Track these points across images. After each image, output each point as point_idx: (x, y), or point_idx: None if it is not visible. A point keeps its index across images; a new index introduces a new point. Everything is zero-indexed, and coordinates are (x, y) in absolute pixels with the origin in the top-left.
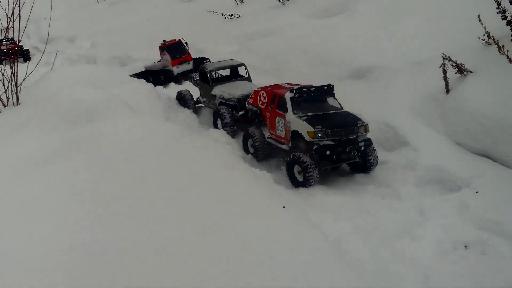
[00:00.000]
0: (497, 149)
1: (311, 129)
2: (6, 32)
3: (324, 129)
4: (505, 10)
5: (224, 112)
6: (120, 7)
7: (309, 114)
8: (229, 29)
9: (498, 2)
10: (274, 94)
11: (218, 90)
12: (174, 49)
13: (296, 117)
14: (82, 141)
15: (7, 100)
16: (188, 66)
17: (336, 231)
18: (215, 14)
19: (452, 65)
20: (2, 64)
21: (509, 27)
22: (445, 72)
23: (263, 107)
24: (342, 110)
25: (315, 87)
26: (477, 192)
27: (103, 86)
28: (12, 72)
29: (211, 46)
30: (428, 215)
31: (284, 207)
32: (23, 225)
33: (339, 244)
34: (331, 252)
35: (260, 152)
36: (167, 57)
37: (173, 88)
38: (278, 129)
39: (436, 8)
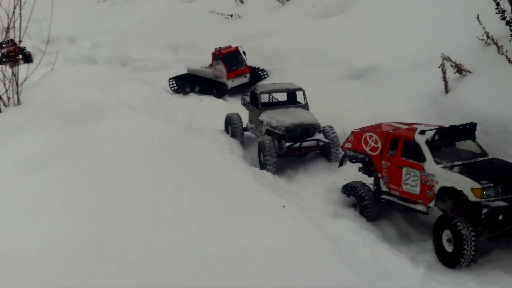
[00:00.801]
0: (496, 149)
1: (477, 185)
2: (7, 32)
3: (492, 184)
4: (504, 10)
5: (267, 143)
6: (121, 8)
7: (458, 163)
8: (229, 29)
9: (497, 2)
10: (395, 137)
11: (266, 116)
12: (231, 59)
13: (443, 167)
14: (83, 141)
15: (8, 100)
16: (244, 79)
17: (336, 231)
18: (215, 14)
19: (451, 65)
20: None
21: (508, 27)
22: (444, 72)
23: (375, 153)
24: (490, 157)
25: (456, 126)
26: None
27: (104, 86)
28: (13, 72)
29: (211, 46)
30: (429, 217)
31: (284, 206)
32: (23, 225)
33: (339, 243)
34: (331, 251)
35: (371, 211)
36: (222, 67)
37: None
38: (408, 184)
39: (436, 8)
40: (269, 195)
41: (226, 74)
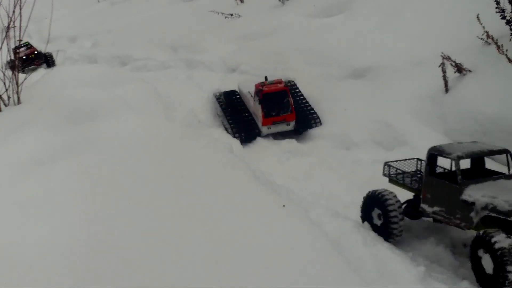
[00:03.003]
0: None
1: None
2: (7, 32)
3: None
4: (504, 9)
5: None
6: (121, 7)
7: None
8: (229, 29)
9: (497, 1)
10: None
11: (479, 194)
12: (272, 101)
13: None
14: (83, 140)
15: (8, 100)
16: (286, 127)
17: (336, 230)
18: (215, 14)
19: (451, 65)
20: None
21: (508, 27)
22: (444, 72)
23: None
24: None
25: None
26: None
27: (104, 86)
28: (13, 72)
29: (211, 45)
30: None
31: (284, 205)
32: (23, 225)
33: (339, 243)
34: (331, 251)
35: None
36: (259, 108)
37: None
38: None
39: (436, 7)
40: (269, 194)
41: (262, 119)
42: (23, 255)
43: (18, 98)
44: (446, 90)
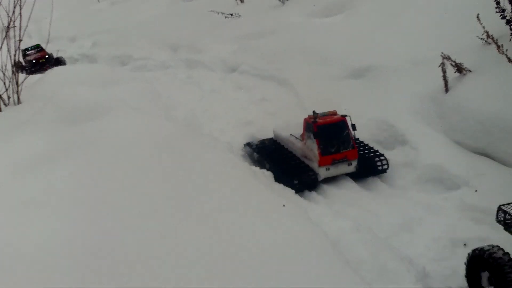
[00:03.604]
0: (496, 148)
1: None
2: (7, 31)
3: None
4: (504, 9)
5: None
6: (121, 7)
7: None
8: (229, 29)
9: (497, 1)
10: None
11: None
12: (329, 135)
13: None
14: (83, 140)
15: (8, 99)
16: (349, 167)
17: (336, 230)
18: (215, 14)
19: (451, 64)
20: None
21: (508, 26)
22: (444, 71)
23: None
24: None
25: None
26: (476, 190)
27: (104, 85)
28: (13, 71)
29: (211, 45)
30: (427, 214)
31: (284, 205)
32: (23, 225)
33: (339, 243)
34: (331, 250)
35: None
36: (314, 145)
37: None
38: None
39: (436, 7)
40: (269, 194)
41: (319, 157)
42: (22, 255)
43: (18, 97)
44: (446, 90)
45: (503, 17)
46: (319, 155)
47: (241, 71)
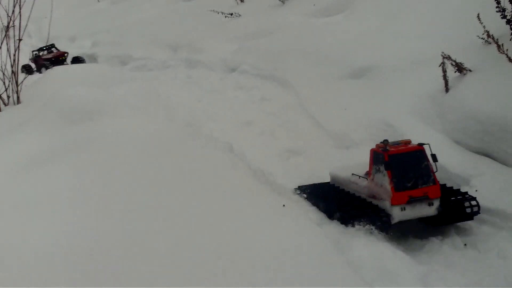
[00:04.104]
0: (496, 148)
1: None
2: (7, 31)
3: None
4: (505, 9)
5: None
6: (120, 6)
7: None
8: (229, 28)
9: (497, 1)
10: None
11: None
12: (404, 166)
13: None
14: (83, 140)
15: (8, 99)
16: (429, 209)
17: (336, 230)
18: (215, 13)
19: (452, 64)
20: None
21: (508, 26)
22: (444, 71)
23: None
24: None
25: None
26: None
27: (104, 85)
28: (13, 71)
29: (211, 45)
30: None
31: (284, 205)
32: (23, 225)
33: (339, 243)
34: (331, 250)
35: None
36: (385, 180)
37: None
38: None
39: (436, 7)
40: (269, 194)
41: (391, 194)
42: (22, 255)
43: (18, 97)
44: (447, 90)
45: (504, 17)
46: (391, 191)
47: (241, 71)
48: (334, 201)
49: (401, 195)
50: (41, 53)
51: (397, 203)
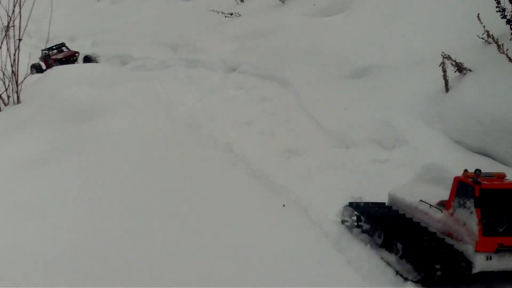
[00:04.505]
0: (496, 148)
1: None
2: (7, 31)
3: None
4: (505, 9)
5: None
6: (120, 6)
7: None
8: (229, 28)
9: (497, 1)
10: None
11: None
12: (498, 206)
13: None
14: (83, 140)
15: (8, 99)
16: None
17: (336, 230)
18: (215, 13)
19: (452, 64)
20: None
21: (508, 26)
22: (444, 71)
23: None
24: None
25: None
26: None
27: (104, 85)
28: (13, 71)
29: (211, 45)
30: None
31: (284, 205)
32: (23, 224)
33: (339, 243)
34: (332, 250)
35: None
36: (471, 218)
37: None
38: None
39: (436, 7)
40: (269, 194)
41: (478, 237)
42: (22, 255)
43: (18, 97)
44: (447, 90)
45: (504, 17)
46: (479, 234)
47: (241, 71)
48: (397, 230)
49: (490, 241)
50: (50, 53)
51: (483, 250)
